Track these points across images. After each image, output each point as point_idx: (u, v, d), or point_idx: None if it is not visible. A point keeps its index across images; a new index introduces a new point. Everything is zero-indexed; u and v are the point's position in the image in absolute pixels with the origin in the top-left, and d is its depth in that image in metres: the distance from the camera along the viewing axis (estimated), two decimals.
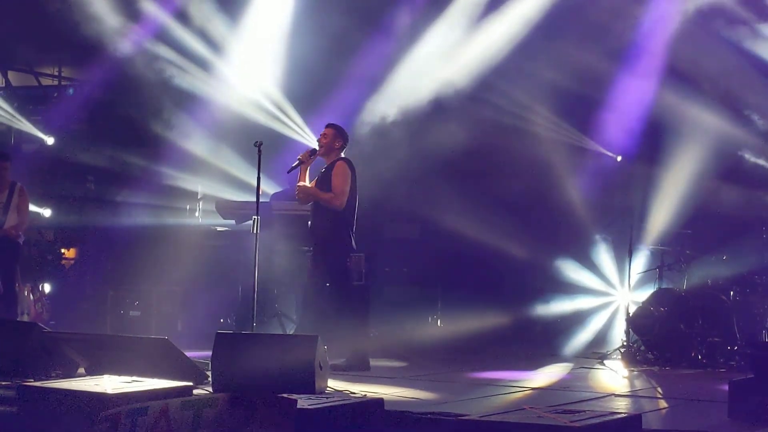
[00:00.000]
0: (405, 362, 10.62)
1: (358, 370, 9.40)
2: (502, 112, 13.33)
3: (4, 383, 7.25)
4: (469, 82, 13.35)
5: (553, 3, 13.06)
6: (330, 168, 9.99)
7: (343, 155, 10.25)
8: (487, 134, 13.18)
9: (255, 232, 9.78)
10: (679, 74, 12.58)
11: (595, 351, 11.43)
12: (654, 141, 13.05)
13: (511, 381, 8.87)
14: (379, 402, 6.79)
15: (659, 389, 9.01)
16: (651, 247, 12.08)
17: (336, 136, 10.17)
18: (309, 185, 9.98)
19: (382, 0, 14.43)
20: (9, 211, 12.05)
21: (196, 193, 14.57)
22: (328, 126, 10.21)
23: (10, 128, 16.52)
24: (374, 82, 14.35)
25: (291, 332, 12.20)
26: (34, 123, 16.37)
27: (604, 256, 12.91)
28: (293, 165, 10.02)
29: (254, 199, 10.12)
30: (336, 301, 9.83)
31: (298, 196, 10.08)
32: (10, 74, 18.16)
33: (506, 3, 13.36)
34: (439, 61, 13.68)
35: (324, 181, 9.92)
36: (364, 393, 7.68)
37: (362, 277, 12.56)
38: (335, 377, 8.46)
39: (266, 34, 14.57)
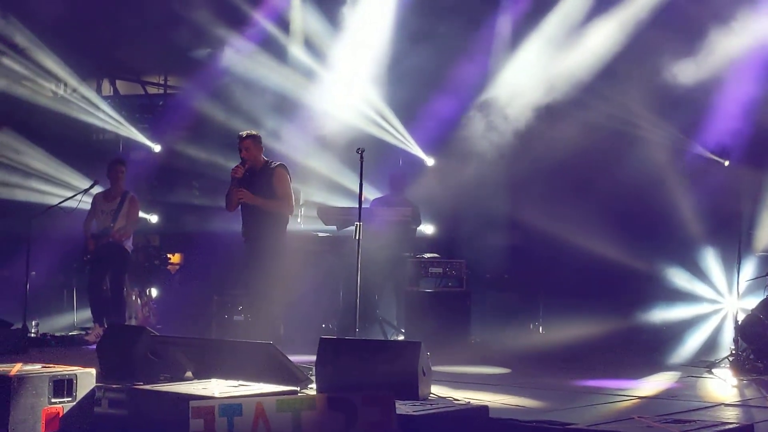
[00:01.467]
0: (508, 369, 10.55)
1: None
2: (607, 117, 13.19)
3: (114, 386, 7.39)
4: (574, 87, 13.26)
5: (658, 8, 12.88)
6: (267, 174, 10.46)
7: (272, 160, 10.82)
8: (592, 139, 13.04)
9: (357, 238, 9.83)
10: None
11: (703, 359, 11.21)
12: (763, 145, 12.78)
13: (617, 390, 8.75)
14: (483, 409, 6.76)
15: None
16: (760, 254, 11.83)
17: (255, 145, 10.60)
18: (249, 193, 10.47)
19: (485, 5, 14.40)
20: (119, 218, 12.35)
21: (298, 199, 14.68)
22: (244, 139, 10.53)
23: (118, 136, 16.89)
24: (475, 89, 14.33)
25: (392, 338, 12.25)
26: (141, 131, 16.70)
27: (711, 263, 12.67)
28: (232, 186, 10.55)
29: (355, 205, 10.17)
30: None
31: (240, 201, 10.57)
32: (118, 83, 18.58)
33: (610, 8, 13.22)
34: (542, 67, 13.60)
35: (260, 186, 10.45)
36: (468, 400, 7.64)
37: (463, 284, 12.54)
38: (438, 383, 8.44)
39: (368, 42, 14.64)
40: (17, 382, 6.65)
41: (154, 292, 14.45)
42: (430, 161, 15.05)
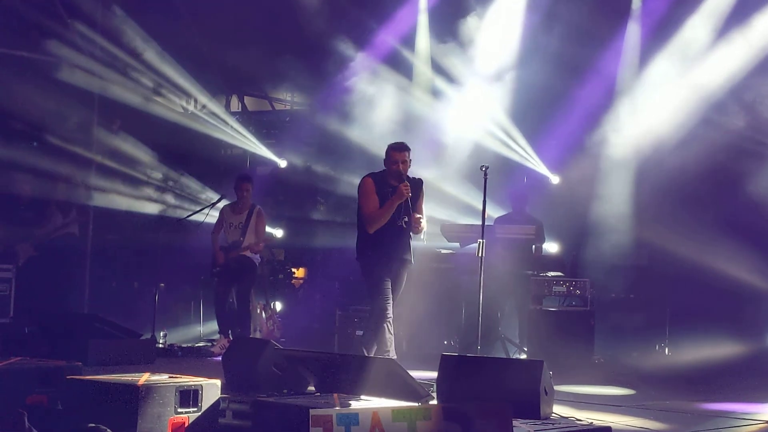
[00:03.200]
0: (632, 390, 10.40)
1: None
2: (736, 136, 12.94)
3: (239, 398, 7.50)
4: (703, 105, 13.05)
5: None
6: (417, 188, 9.69)
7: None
8: (720, 158, 12.82)
9: (480, 255, 9.83)
10: None
11: None
12: None
13: (743, 413, 8.56)
14: (606, 430, 6.69)
15: None
16: None
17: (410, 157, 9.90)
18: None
19: (611, 23, 14.28)
20: (247, 232, 12.56)
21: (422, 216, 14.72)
22: (406, 150, 9.74)
23: (245, 151, 17.20)
24: (602, 107, 14.21)
25: (514, 356, 12.18)
26: (268, 146, 16.97)
27: None
28: (393, 202, 9.46)
29: (478, 223, 10.16)
30: None
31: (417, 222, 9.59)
32: (246, 99, 18.92)
33: (743, 26, 12.99)
34: (669, 84, 13.42)
35: (413, 202, 9.58)
36: (590, 420, 7.57)
37: (587, 303, 12.42)
38: (561, 403, 8.38)
39: (495, 58, 14.64)
40: (145, 391, 6.81)
41: (278, 306, 14.65)
42: (555, 179, 14.95)
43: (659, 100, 13.53)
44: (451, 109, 14.99)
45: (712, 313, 12.75)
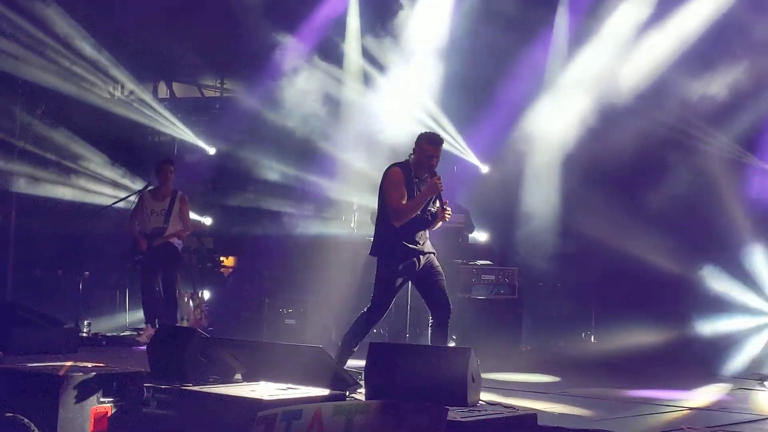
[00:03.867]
0: (558, 378, 10.49)
1: None
2: (661, 127, 13.08)
3: (164, 387, 7.41)
4: (628, 96, 13.16)
5: (717, 16, 12.76)
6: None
7: None
8: (645, 148, 12.96)
9: None
10: None
11: (756, 372, 11.07)
12: None
13: (667, 400, 8.67)
14: (532, 416, 6.73)
15: None
16: None
17: None
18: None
19: (541, 13, 14.35)
20: (171, 218, 12.37)
21: (352, 204, 14.71)
22: (441, 144, 9.66)
23: (173, 138, 17.02)
24: (530, 97, 14.28)
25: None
26: (197, 133, 16.82)
27: (765, 274, 12.52)
28: (425, 196, 9.02)
29: None
30: None
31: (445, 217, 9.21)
32: (175, 86, 18.73)
33: (667, 19, 13.12)
34: (597, 76, 13.52)
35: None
36: (516, 407, 7.61)
37: (515, 291, 12.49)
38: (488, 390, 8.41)
39: (423, 48, 14.64)
40: (66, 380, 6.69)
41: (206, 295, 14.53)
42: (484, 168, 15.00)
43: (586, 89, 13.62)
44: (381, 97, 14.96)
45: (637, 301, 12.91)
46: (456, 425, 6.07)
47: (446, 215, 9.06)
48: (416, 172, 8.95)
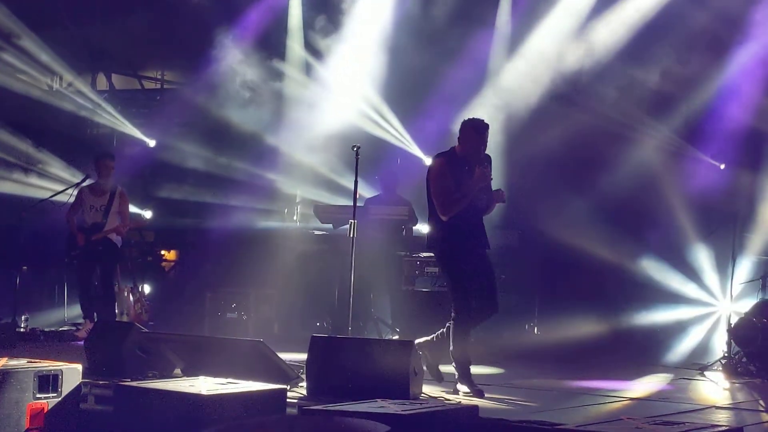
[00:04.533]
0: (501, 369, 10.51)
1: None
2: (602, 118, 13.15)
3: (101, 382, 7.34)
4: (570, 87, 13.21)
5: (657, 8, 12.85)
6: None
7: None
8: (586, 140, 13.02)
9: (352, 236, 9.81)
10: None
11: (696, 362, 11.18)
12: (759, 149, 12.75)
13: (608, 391, 8.71)
14: (474, 409, 6.71)
15: (762, 402, 8.75)
16: (755, 257, 11.79)
17: None
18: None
19: (484, 5, 14.36)
20: (110, 214, 12.25)
21: (295, 197, 14.65)
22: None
23: (113, 131, 16.82)
24: (473, 88, 14.28)
25: (386, 337, 12.19)
26: (137, 126, 16.64)
27: (706, 265, 12.63)
28: (473, 187, 8.50)
29: (351, 204, 10.13)
30: None
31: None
32: (114, 78, 18.50)
33: (609, 8, 13.19)
34: (540, 66, 13.56)
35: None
36: (458, 399, 7.60)
37: None
38: (430, 383, 8.40)
39: (367, 38, 14.59)
40: (2, 376, 6.60)
41: (147, 289, 14.38)
42: (428, 161, 14.97)
43: (528, 80, 13.65)
44: (324, 89, 14.89)
45: (580, 292, 12.96)
46: (397, 418, 6.03)
47: (501, 197, 8.67)
48: (464, 160, 8.51)
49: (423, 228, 13.82)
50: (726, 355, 10.64)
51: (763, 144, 12.71)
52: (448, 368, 9.19)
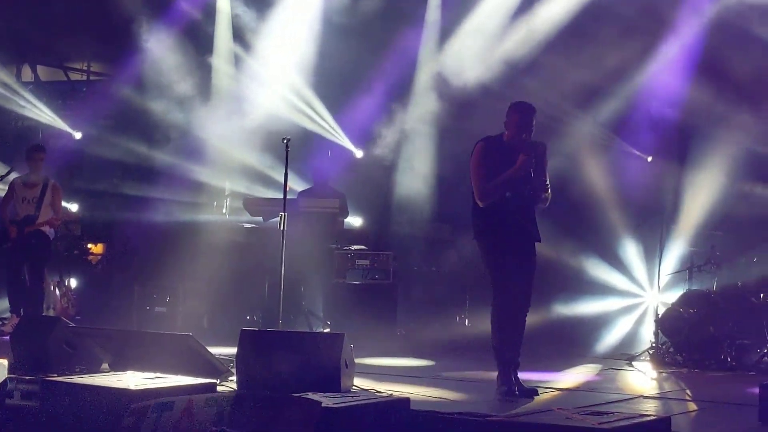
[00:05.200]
0: (432, 361, 10.54)
1: None
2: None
3: (27, 378, 7.20)
4: (499, 80, 13.26)
5: (585, 2, 12.95)
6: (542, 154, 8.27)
7: None
8: None
9: (282, 228, 9.77)
10: (710, 74, 12.45)
11: (624, 352, 11.31)
12: (685, 141, 12.93)
13: (538, 381, 8.76)
14: (405, 401, 6.71)
15: (688, 392, 8.88)
16: (681, 248, 11.96)
17: None
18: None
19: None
20: (43, 206, 12.08)
21: (224, 190, 14.54)
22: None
23: (38, 123, 16.56)
24: (403, 81, 14.29)
25: (318, 330, 12.16)
26: (63, 118, 16.39)
27: (633, 256, 12.78)
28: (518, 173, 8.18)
29: (281, 196, 10.08)
30: None
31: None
32: (39, 69, 18.21)
33: (538, 2, 13.26)
34: (469, 60, 13.59)
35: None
36: (390, 392, 7.60)
37: (390, 276, 12.50)
38: (362, 376, 8.38)
39: (296, 31, 14.51)
40: None
41: (73, 283, 14.17)
42: (359, 153, 14.97)
43: (457, 73, 13.68)
44: (253, 81, 14.79)
45: None
46: (328, 411, 6.01)
47: (542, 195, 8.26)
48: (510, 146, 8.11)
49: (355, 221, 13.87)
50: (653, 345, 10.78)
51: (689, 136, 12.89)
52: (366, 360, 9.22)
